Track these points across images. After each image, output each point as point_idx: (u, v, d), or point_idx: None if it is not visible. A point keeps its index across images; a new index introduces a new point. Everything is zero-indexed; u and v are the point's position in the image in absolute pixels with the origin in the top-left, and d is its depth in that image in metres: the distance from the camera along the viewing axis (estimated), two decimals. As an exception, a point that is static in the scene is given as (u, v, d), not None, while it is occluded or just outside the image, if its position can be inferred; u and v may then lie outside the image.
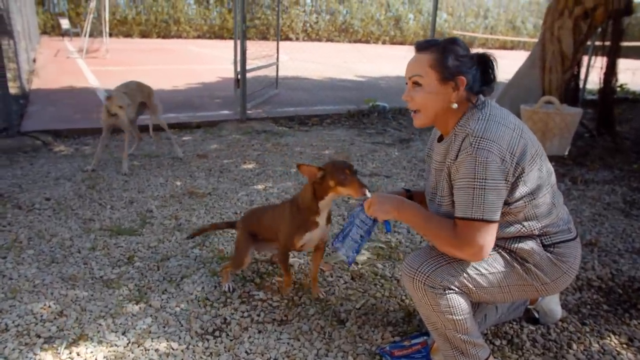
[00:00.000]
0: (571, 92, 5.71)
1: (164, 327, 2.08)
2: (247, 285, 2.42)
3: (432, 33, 7.53)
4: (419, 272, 1.62)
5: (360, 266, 2.64)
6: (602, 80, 5.83)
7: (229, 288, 2.35)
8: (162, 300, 2.27)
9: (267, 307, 2.25)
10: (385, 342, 2.02)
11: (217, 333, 2.05)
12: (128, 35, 23.60)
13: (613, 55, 5.64)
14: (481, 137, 1.49)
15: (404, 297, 2.37)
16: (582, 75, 6.40)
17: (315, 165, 2.01)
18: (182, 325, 2.09)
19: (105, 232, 2.95)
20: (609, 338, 2.12)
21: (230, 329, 2.07)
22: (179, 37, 24.73)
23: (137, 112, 4.47)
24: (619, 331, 2.17)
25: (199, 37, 25.27)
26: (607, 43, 5.75)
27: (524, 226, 1.61)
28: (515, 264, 1.63)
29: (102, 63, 12.05)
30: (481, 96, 1.64)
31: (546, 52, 5.40)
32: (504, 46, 29.56)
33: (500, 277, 1.63)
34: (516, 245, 1.63)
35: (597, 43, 6.19)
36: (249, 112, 6.40)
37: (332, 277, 2.53)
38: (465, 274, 1.61)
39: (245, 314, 2.18)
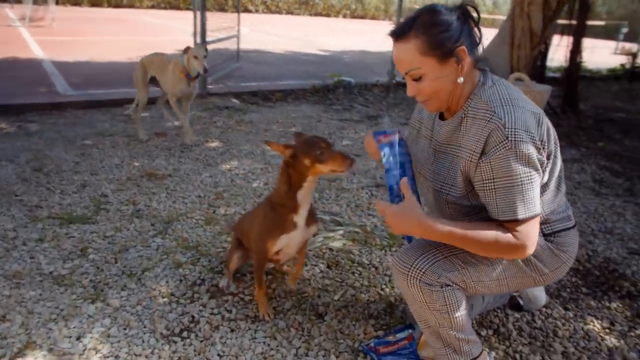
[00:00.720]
0: (538, 70, 5.69)
1: (125, 329, 1.87)
2: (216, 277, 2.24)
3: (398, 12, 7.36)
4: (414, 268, 1.48)
5: (335, 253, 2.50)
6: (567, 58, 5.83)
7: (227, 285, 2.16)
8: (122, 297, 2.06)
9: (239, 302, 2.07)
10: (368, 337, 1.89)
11: (185, 334, 1.87)
12: (77, 3, 22.22)
13: (579, 32, 5.64)
14: (516, 129, 1.32)
15: (383, 286, 2.24)
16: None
17: (283, 143, 1.77)
18: (145, 327, 1.89)
19: (54, 221, 2.68)
20: (592, 323, 2.07)
21: (200, 329, 1.89)
22: (132, 6, 23.51)
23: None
24: (600, 315, 2.12)
25: (153, 7, 24.09)
26: (573, 22, 5.75)
27: None
28: None
29: (47, 32, 11.25)
30: (482, 65, 1.48)
31: (515, 29, 5.33)
32: (463, 22, 29.74)
33: (500, 270, 1.51)
34: None
35: (561, 21, 6.18)
36: (209, 86, 6.08)
37: (307, 265, 2.37)
38: (464, 269, 1.49)
39: (216, 311, 2.00)
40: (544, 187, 1.46)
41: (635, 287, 2.35)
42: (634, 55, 10.43)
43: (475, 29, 1.44)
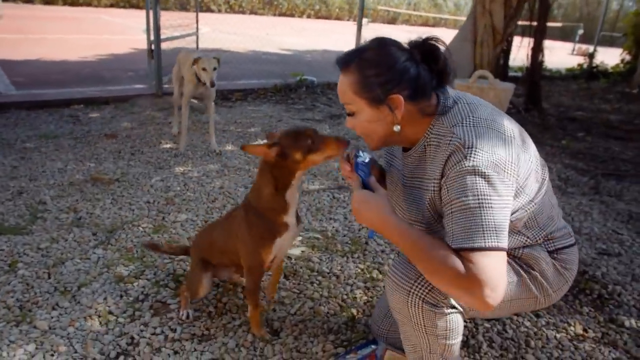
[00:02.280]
0: (500, 68, 5.68)
1: (52, 355, 1.65)
2: (161, 291, 2.03)
3: (360, 12, 7.25)
4: (418, 284, 1.28)
5: (293, 262, 2.33)
6: (529, 57, 5.84)
7: (186, 315, 1.87)
8: (52, 318, 1.83)
9: (185, 320, 1.87)
10: (327, 356, 1.73)
11: (121, 358, 1.66)
12: (29, 1, 21.29)
13: (541, 31, 5.66)
14: (475, 148, 1.16)
15: (345, 297, 2.09)
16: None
17: (265, 144, 1.57)
18: (75, 352, 1.67)
19: (-19, 232, 2.41)
20: (564, 331, 1.97)
21: (139, 352, 1.69)
22: (89, 5, 22.70)
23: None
24: (573, 321, 2.03)
25: (112, 5, 23.30)
26: (534, 23, 5.76)
27: (527, 237, 1.35)
28: (522, 272, 1.37)
29: (-5, 30, 10.66)
30: (447, 89, 1.32)
31: (478, 26, 5.31)
32: (426, 23, 30.04)
33: (508, 289, 1.32)
34: (522, 251, 1.38)
35: (520, 22, 6.21)
36: (165, 86, 5.79)
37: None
38: None
39: (158, 330, 1.80)
40: (530, 207, 1.30)
41: (606, 289, 2.27)
42: (591, 56, 10.70)
43: (439, 67, 1.27)
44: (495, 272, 1.12)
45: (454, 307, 1.32)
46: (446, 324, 1.31)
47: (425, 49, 1.26)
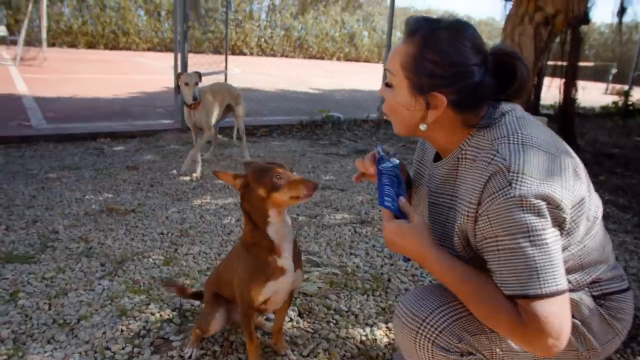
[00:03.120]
0: (532, 103, 5.50)
1: (39, 393, 1.51)
2: (164, 327, 1.89)
3: (386, 54, 7.27)
4: (428, 324, 1.13)
5: (309, 299, 2.15)
6: (562, 93, 5.66)
7: (190, 354, 1.72)
8: (45, 353, 1.70)
9: (188, 359, 1.71)
10: (340, 404, 1.53)
11: (112, 400, 1.51)
12: (73, 45, 22.40)
13: (573, 65, 5.49)
14: (522, 173, 0.99)
15: (363, 338, 1.89)
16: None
17: (234, 173, 1.46)
18: (64, 391, 1.53)
19: (-11, 260, 2.34)
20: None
21: (133, 393, 1.53)
22: (129, 49, 23.73)
23: (222, 115, 4.32)
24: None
25: (149, 49, 24.33)
26: (564, 63, 5.63)
27: (569, 281, 1.13)
28: None
29: (36, 71, 11.13)
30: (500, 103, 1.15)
31: (507, 60, 5.17)
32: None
33: None
34: None
35: (551, 62, 6.08)
36: (191, 121, 5.83)
37: (274, 313, 2.02)
38: (494, 332, 1.13)
39: (157, 370, 1.65)
40: (577, 248, 1.13)
41: (660, 337, 2.01)
42: (627, 93, 10.39)
43: (507, 79, 1.10)
44: (557, 320, 0.97)
45: (470, 353, 1.13)
46: None
47: (502, 62, 1.10)
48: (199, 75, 3.80)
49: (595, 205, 1.16)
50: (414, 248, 1.09)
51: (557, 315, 0.97)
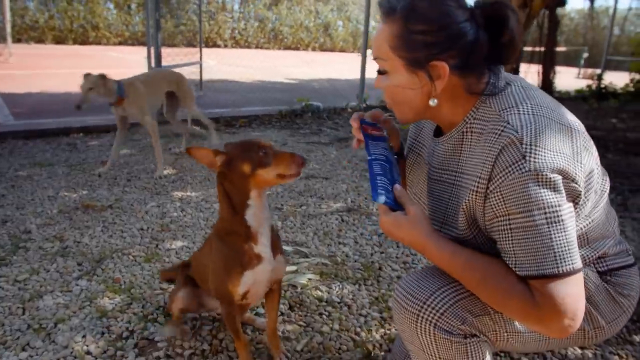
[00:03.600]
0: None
1: (14, 405, 1.40)
2: (148, 327, 1.78)
3: (364, 42, 7.18)
4: (428, 306, 1.06)
5: (299, 291, 2.07)
6: (540, 74, 5.68)
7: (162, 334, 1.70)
8: (19, 361, 1.58)
9: (175, 357, 1.62)
10: (339, 400, 1.46)
11: (95, 408, 1.40)
12: (40, 41, 21.71)
13: (551, 48, 5.50)
14: (536, 145, 0.93)
15: (358, 329, 1.82)
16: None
17: (211, 148, 1.35)
18: (42, 400, 1.42)
19: (-45, 264, 2.19)
20: (614, 365, 1.69)
21: (117, 399, 1.43)
22: (99, 43, 23.11)
23: (171, 105, 4.10)
24: (624, 353, 1.75)
25: (120, 43, 23.74)
26: (542, 49, 5.65)
27: None
28: None
29: (3, 67, 10.72)
30: (501, 69, 1.09)
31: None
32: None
33: None
34: None
35: (528, 49, 6.09)
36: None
37: (263, 307, 1.94)
38: (497, 313, 1.08)
39: (142, 373, 1.55)
40: (585, 222, 1.07)
41: (656, 315, 1.99)
42: (599, 77, 10.55)
43: (505, 40, 1.02)
44: (572, 299, 0.92)
45: (473, 334, 1.07)
46: (465, 355, 1.06)
47: (491, 13, 1.02)
48: (102, 78, 3.39)
49: (602, 178, 1.12)
50: (412, 239, 1.04)
51: (573, 294, 0.93)
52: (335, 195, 3.30)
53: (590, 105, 8.97)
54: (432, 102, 1.06)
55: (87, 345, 1.66)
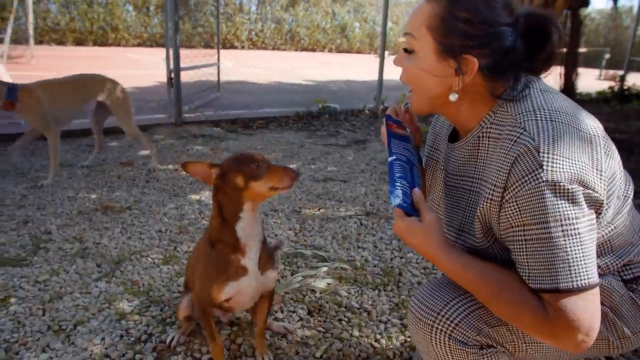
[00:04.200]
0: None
1: (34, 407, 1.40)
2: (167, 330, 1.78)
3: (382, 44, 7.13)
4: (443, 317, 1.05)
5: (318, 296, 2.05)
6: (562, 76, 5.57)
7: (172, 340, 1.69)
8: (39, 362, 1.59)
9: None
10: (360, 409, 1.43)
11: (114, 413, 1.40)
12: (61, 42, 22.07)
13: (573, 49, 5.40)
14: (553, 154, 0.90)
15: (378, 336, 1.79)
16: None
17: (208, 162, 1.39)
18: (61, 404, 1.42)
19: (-22, 264, 2.21)
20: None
21: (136, 404, 1.42)
22: (118, 45, 23.42)
23: (98, 114, 3.84)
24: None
25: (139, 45, 24.03)
26: (563, 50, 5.55)
27: (599, 267, 1.03)
28: None
29: (24, 68, 10.93)
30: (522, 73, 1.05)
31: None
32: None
33: None
34: None
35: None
36: (186, 115, 5.70)
37: (282, 312, 1.92)
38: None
39: (160, 377, 1.54)
40: (608, 229, 1.03)
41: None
42: (622, 79, 10.34)
43: (544, 56, 1.00)
44: (587, 314, 0.89)
45: (490, 345, 1.05)
46: None
47: (535, 25, 0.99)
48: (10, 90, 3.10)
49: (625, 183, 1.07)
50: (424, 248, 1.02)
51: (587, 310, 0.90)
52: (354, 199, 3.26)
53: (613, 107, 8.80)
54: (453, 97, 1.02)
55: (106, 348, 1.66)
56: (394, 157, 1.12)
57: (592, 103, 9.28)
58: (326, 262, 2.33)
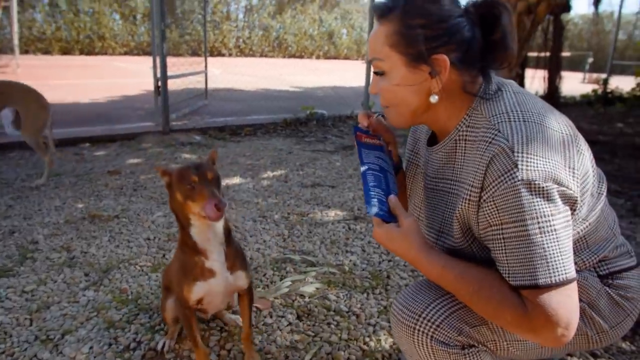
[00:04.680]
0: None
1: (22, 418, 1.39)
2: (156, 337, 1.77)
3: (368, 50, 7.18)
4: (424, 319, 1.07)
5: (307, 300, 2.06)
6: (545, 79, 5.66)
7: (162, 346, 1.70)
8: (27, 372, 1.58)
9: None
10: (349, 411, 1.44)
11: (103, 421, 1.39)
12: (47, 52, 21.91)
13: (556, 53, 5.49)
14: (527, 153, 0.93)
15: (367, 339, 1.80)
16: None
17: (165, 168, 1.41)
18: (49, 413, 1.41)
19: (-37, 275, 2.19)
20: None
21: (125, 412, 1.42)
22: (105, 53, 23.31)
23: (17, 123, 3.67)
24: (635, 363, 1.72)
25: (126, 53, 23.93)
26: (547, 54, 5.65)
27: (575, 263, 1.04)
28: None
29: (11, 79, 10.83)
30: (492, 74, 1.09)
31: (491, 50, 5.15)
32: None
33: None
34: None
35: (532, 54, 6.08)
36: (173, 123, 5.69)
37: (271, 317, 1.92)
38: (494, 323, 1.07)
39: (150, 384, 1.54)
40: (583, 225, 1.06)
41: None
42: (605, 82, 10.51)
43: (496, 38, 1.03)
44: (566, 309, 0.91)
45: (471, 345, 1.07)
46: None
47: (484, 11, 1.03)
48: None
49: (599, 181, 1.11)
50: (404, 252, 1.04)
51: (566, 305, 0.92)
52: (342, 204, 3.28)
53: (596, 110, 8.94)
54: (433, 99, 1.05)
55: (94, 357, 1.66)
56: (366, 167, 1.14)
57: (576, 106, 9.42)
58: (315, 267, 2.35)
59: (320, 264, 2.38)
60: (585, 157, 1.03)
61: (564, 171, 0.94)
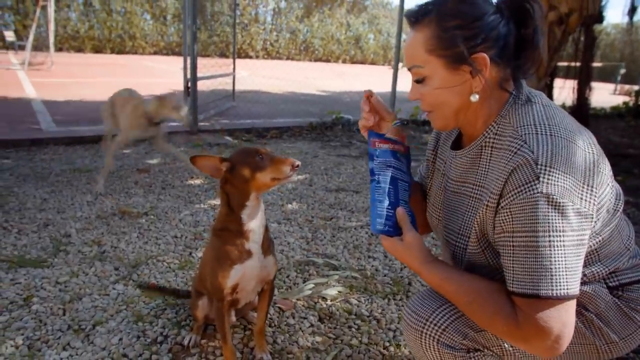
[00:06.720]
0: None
1: (55, 402, 1.46)
2: (182, 332, 1.83)
3: (396, 56, 7.20)
4: (431, 323, 1.11)
5: (329, 303, 2.09)
6: (575, 90, 5.59)
7: (189, 341, 1.75)
8: (60, 359, 1.65)
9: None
10: (368, 414, 1.47)
11: (131, 410, 1.45)
12: (80, 50, 22.50)
13: (587, 64, 5.42)
14: (551, 167, 0.94)
15: (387, 344, 1.83)
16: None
17: (218, 155, 1.50)
18: (81, 400, 1.48)
19: (1, 264, 2.29)
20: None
21: (152, 402, 1.48)
22: (135, 53, 23.81)
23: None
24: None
25: (155, 53, 24.41)
26: (577, 64, 5.58)
27: (584, 274, 1.08)
28: None
29: (45, 75, 11.16)
30: (523, 82, 1.09)
31: (521, 60, 5.11)
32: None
33: None
34: None
35: (562, 63, 6.00)
36: (201, 124, 5.80)
37: (294, 318, 1.97)
38: None
39: (176, 377, 1.59)
40: (595, 240, 1.07)
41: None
42: (637, 93, 10.29)
43: (528, 33, 1.04)
44: (560, 322, 0.94)
45: (477, 349, 1.11)
46: None
47: (515, 7, 1.04)
48: None
49: (615, 196, 1.11)
50: (408, 264, 1.11)
51: (560, 319, 0.95)
52: (366, 209, 3.31)
53: (627, 122, 8.76)
54: (474, 98, 1.06)
55: (123, 348, 1.72)
56: (375, 179, 1.16)
57: (606, 118, 9.25)
58: (337, 271, 2.38)
59: (343, 268, 2.42)
60: (604, 176, 1.03)
61: (584, 189, 0.96)
